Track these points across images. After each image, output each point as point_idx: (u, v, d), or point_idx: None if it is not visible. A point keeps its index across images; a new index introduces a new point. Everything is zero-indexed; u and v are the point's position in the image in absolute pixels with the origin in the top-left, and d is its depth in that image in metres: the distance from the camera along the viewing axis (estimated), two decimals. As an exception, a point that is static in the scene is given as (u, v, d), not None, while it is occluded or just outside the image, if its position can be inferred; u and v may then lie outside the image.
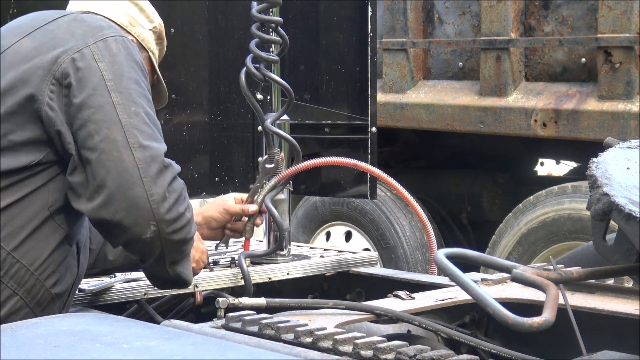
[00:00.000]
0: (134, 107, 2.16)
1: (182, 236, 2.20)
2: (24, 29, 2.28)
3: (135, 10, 2.52)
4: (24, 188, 2.16)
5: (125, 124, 2.13)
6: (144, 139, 2.14)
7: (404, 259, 5.63)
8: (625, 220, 1.91)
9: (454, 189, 6.06)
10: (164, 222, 2.14)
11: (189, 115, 3.77)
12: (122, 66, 2.20)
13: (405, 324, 2.36)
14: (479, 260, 2.15)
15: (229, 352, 1.73)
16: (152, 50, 2.54)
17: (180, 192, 2.19)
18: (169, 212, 2.14)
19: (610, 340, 2.24)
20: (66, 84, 2.15)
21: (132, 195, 2.11)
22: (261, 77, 2.86)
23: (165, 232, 2.15)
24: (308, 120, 3.86)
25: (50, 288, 2.21)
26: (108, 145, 2.12)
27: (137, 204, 2.11)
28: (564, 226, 5.00)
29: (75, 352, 1.64)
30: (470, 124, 5.34)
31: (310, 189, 3.99)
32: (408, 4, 5.65)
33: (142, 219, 2.12)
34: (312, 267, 3.04)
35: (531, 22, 5.18)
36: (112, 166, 2.11)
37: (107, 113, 2.13)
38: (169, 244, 2.18)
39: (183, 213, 2.19)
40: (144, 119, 2.17)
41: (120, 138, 2.12)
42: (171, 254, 2.22)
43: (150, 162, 2.13)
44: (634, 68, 4.70)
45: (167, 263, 2.24)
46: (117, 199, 2.11)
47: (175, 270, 2.27)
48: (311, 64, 3.88)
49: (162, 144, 2.20)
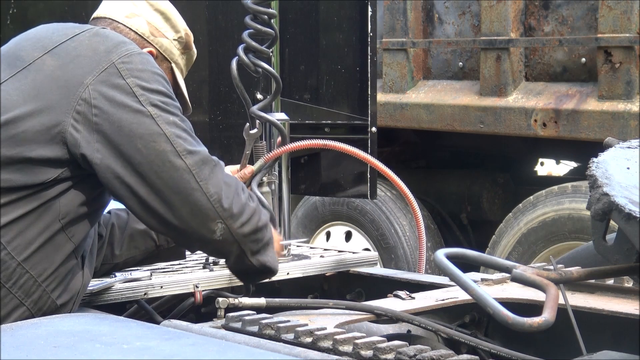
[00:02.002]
0: (171, 117, 2.21)
1: (253, 226, 2.26)
2: (45, 44, 2.26)
3: (160, 19, 2.49)
4: (36, 200, 2.15)
5: (169, 135, 2.18)
6: (189, 145, 2.20)
7: (404, 259, 5.63)
8: (625, 220, 1.91)
9: (454, 189, 6.06)
10: (231, 218, 2.21)
11: (189, 115, 3.77)
12: (149, 80, 2.22)
13: (405, 324, 2.36)
14: (479, 260, 2.15)
15: (229, 352, 1.73)
16: (174, 61, 2.53)
17: (236, 185, 2.26)
18: (232, 206, 2.21)
19: (610, 340, 2.24)
20: (95, 105, 2.15)
21: (193, 201, 2.18)
22: (253, 67, 2.84)
23: (234, 227, 2.23)
24: (308, 120, 3.86)
25: (56, 299, 2.22)
26: (159, 157, 2.16)
27: (200, 208, 2.18)
28: (564, 226, 5.00)
29: (75, 352, 1.64)
30: (470, 124, 5.34)
31: (310, 189, 3.99)
32: (408, 4, 5.65)
33: (208, 219, 2.20)
34: (312, 267, 3.04)
35: (531, 22, 5.18)
36: (167, 177, 2.16)
37: (148, 127, 2.17)
38: (243, 237, 2.25)
39: (246, 203, 2.25)
40: (182, 127, 2.22)
41: (169, 148, 2.17)
42: (249, 245, 2.29)
43: (202, 165, 2.19)
44: (634, 68, 4.70)
45: (249, 255, 2.30)
46: (181, 207, 2.18)
47: (260, 260, 2.33)
48: (311, 64, 3.88)
49: (204, 147, 2.26)
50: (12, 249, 2.13)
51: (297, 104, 3.82)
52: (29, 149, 2.14)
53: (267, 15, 2.81)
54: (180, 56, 2.55)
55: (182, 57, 2.56)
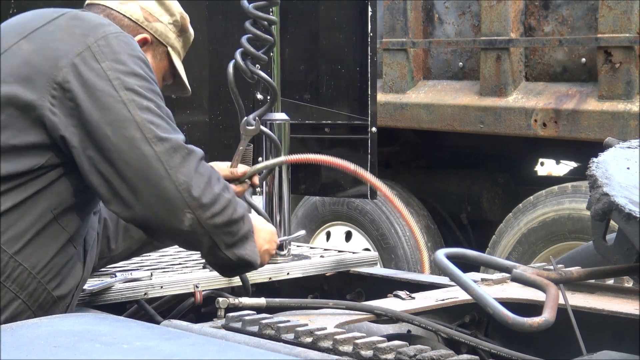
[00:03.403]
0: (145, 102, 2.14)
1: (226, 218, 2.18)
2: (23, 29, 2.24)
3: (153, 3, 2.46)
4: (26, 191, 2.13)
5: (139, 121, 2.11)
6: (161, 132, 2.12)
7: (404, 259, 5.63)
8: (625, 220, 1.91)
9: (454, 189, 6.06)
10: (200, 208, 2.13)
11: (189, 115, 3.78)
12: (126, 63, 2.17)
13: (405, 324, 2.36)
14: (479, 260, 2.15)
15: (229, 352, 1.73)
16: (171, 45, 2.49)
17: (209, 174, 2.17)
18: (203, 196, 2.13)
19: (610, 340, 2.24)
20: (68, 88, 2.12)
21: (160, 189, 2.10)
22: (249, 74, 2.83)
23: (204, 217, 2.14)
24: (308, 120, 3.86)
25: (53, 290, 2.20)
26: (127, 144, 2.10)
27: (167, 196, 2.11)
28: (564, 226, 5.00)
29: (75, 352, 1.64)
30: (470, 124, 5.34)
31: (310, 189, 3.99)
32: (408, 4, 5.65)
33: (176, 209, 2.11)
34: (312, 267, 3.04)
35: (531, 22, 5.18)
36: (135, 164, 2.10)
37: (119, 112, 2.12)
38: (214, 228, 2.17)
39: (219, 194, 2.17)
40: (157, 112, 2.15)
41: (138, 135, 2.11)
42: (222, 238, 2.20)
43: (172, 152, 2.12)
44: (634, 68, 4.70)
45: (223, 248, 2.22)
46: (148, 196, 2.11)
47: (237, 253, 2.25)
48: (311, 64, 3.88)
49: (179, 134, 2.18)
50: (3, 242, 2.11)
51: (297, 104, 3.82)
52: (11, 136, 2.12)
53: (267, 21, 2.81)
54: (177, 39, 2.52)
55: (178, 40, 2.53)
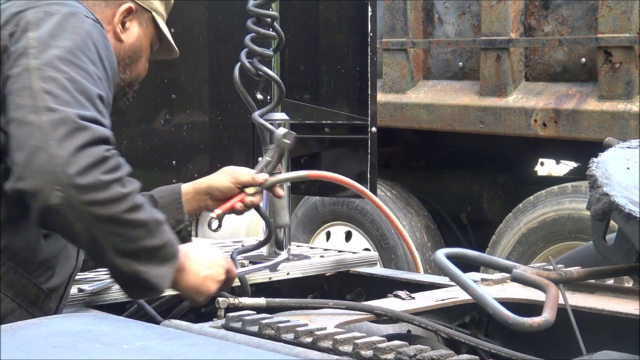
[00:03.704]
0: (53, 72, 2.01)
1: (113, 213, 1.97)
2: None
3: None
4: None
5: (35, 89, 1.98)
6: (54, 103, 1.97)
7: (404, 259, 5.63)
8: (625, 220, 1.91)
9: (454, 189, 6.06)
10: (74, 188, 1.93)
11: (189, 115, 3.77)
12: (56, 36, 2.08)
13: (405, 324, 2.36)
14: (479, 260, 2.15)
15: (229, 352, 1.73)
16: (154, 9, 2.46)
17: (99, 158, 1.96)
18: (80, 176, 1.93)
19: (610, 340, 2.23)
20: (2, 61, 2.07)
21: (35, 160, 1.93)
22: (255, 72, 2.83)
23: (78, 200, 1.93)
24: (308, 120, 3.86)
25: (43, 284, 2.16)
26: (18, 113, 1.98)
27: (40, 169, 1.92)
28: (564, 226, 5.00)
29: (75, 352, 1.64)
30: (470, 124, 5.34)
31: (310, 189, 3.99)
32: (408, 4, 5.66)
33: (45, 183, 1.92)
34: (312, 267, 3.04)
35: (531, 22, 5.18)
36: (19, 133, 1.97)
37: (20, 81, 2.01)
38: (94, 220, 1.96)
39: (108, 182, 1.96)
40: (64, 85, 2.00)
41: (29, 104, 1.97)
42: (107, 237, 1.99)
43: (58, 124, 1.94)
44: (634, 68, 4.70)
45: (110, 251, 2.01)
46: (25, 168, 1.94)
47: (132, 266, 2.03)
48: (311, 64, 3.88)
49: (82, 110, 1.99)
50: None
51: (297, 104, 3.82)
52: None
53: (269, 17, 2.80)
54: (160, 3, 2.48)
55: (161, 4, 2.49)
